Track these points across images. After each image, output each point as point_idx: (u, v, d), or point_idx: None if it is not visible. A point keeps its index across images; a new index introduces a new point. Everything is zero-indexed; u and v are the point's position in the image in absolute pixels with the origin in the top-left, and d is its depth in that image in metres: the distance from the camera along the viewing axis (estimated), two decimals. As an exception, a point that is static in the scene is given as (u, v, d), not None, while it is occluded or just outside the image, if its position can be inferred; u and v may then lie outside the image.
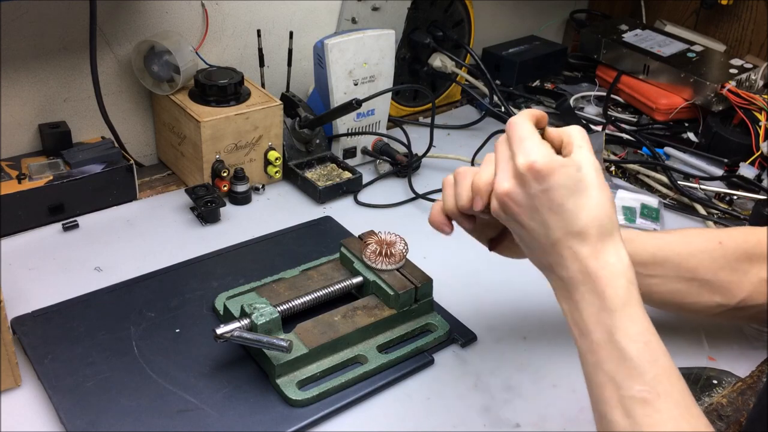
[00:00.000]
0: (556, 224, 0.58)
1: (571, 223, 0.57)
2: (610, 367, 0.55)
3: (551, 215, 0.58)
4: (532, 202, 0.58)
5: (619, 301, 0.56)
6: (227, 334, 0.70)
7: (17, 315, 0.79)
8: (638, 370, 0.54)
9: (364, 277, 0.82)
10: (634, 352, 0.54)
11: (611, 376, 0.55)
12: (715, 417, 0.75)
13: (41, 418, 0.69)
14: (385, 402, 0.74)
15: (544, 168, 0.57)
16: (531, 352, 0.81)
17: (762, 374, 0.80)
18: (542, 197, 0.58)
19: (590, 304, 0.57)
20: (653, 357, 0.54)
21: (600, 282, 0.56)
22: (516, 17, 1.56)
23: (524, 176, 0.58)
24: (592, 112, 1.36)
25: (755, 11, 1.44)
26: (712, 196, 1.13)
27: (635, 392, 0.53)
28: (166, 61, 1.02)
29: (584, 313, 0.57)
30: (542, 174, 0.57)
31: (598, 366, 0.56)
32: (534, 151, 0.58)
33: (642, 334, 0.55)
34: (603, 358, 0.56)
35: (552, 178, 0.57)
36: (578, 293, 0.58)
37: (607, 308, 0.56)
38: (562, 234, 0.58)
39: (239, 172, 1.03)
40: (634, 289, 0.57)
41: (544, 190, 0.57)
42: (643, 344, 0.55)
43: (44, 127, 1.01)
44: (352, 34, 1.08)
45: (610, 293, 0.56)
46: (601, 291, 0.56)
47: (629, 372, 0.54)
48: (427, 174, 1.15)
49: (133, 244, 0.94)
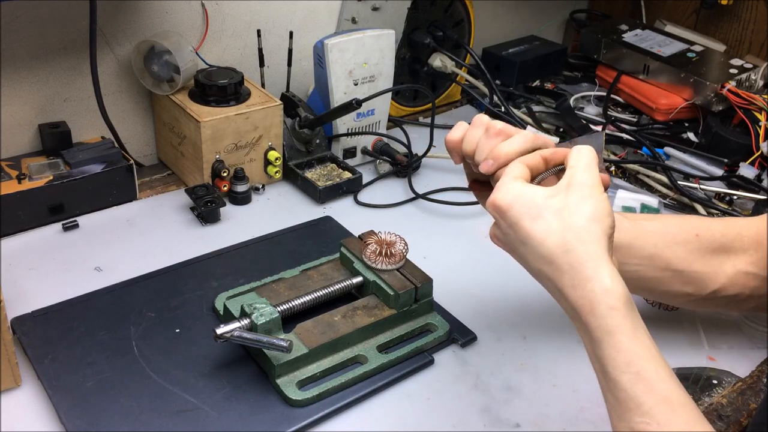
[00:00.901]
0: (530, 255, 0.58)
1: (540, 252, 0.56)
2: (610, 399, 0.54)
3: (523, 247, 0.58)
4: (507, 239, 0.60)
5: (602, 330, 0.54)
6: (227, 334, 0.70)
7: (17, 315, 0.79)
8: (635, 401, 0.52)
9: (364, 277, 0.82)
10: (626, 384, 0.52)
11: (612, 406, 0.54)
12: (715, 417, 0.75)
13: (41, 418, 0.69)
14: (385, 402, 0.74)
15: (502, 204, 0.58)
16: (531, 352, 0.81)
17: (762, 374, 0.80)
18: (511, 232, 0.58)
19: (583, 336, 0.57)
20: (647, 387, 0.52)
21: (582, 313, 0.55)
22: (516, 17, 1.56)
23: (494, 216, 0.60)
24: (592, 112, 1.36)
25: (755, 11, 1.44)
26: (712, 196, 1.13)
27: (635, 424, 0.52)
28: (166, 61, 1.02)
29: (584, 344, 0.57)
30: (502, 210, 0.58)
31: (604, 395, 0.56)
32: (499, 188, 0.59)
33: (631, 364, 0.52)
34: (604, 388, 0.55)
35: (511, 212, 0.58)
36: (575, 324, 0.57)
37: (593, 339, 0.55)
38: (539, 264, 0.57)
39: (239, 172, 1.03)
40: (617, 313, 0.54)
41: (510, 225, 0.58)
42: (633, 375, 0.52)
43: (44, 127, 1.01)
44: (352, 34, 1.08)
45: (592, 324, 0.54)
46: (585, 322, 0.55)
47: (626, 405, 0.52)
48: (427, 174, 1.15)
49: (133, 244, 0.94)
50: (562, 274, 0.55)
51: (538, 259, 0.57)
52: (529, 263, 0.59)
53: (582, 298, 0.54)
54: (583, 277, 0.55)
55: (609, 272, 0.55)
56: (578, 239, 0.55)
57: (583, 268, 0.55)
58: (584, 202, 0.56)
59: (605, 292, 0.54)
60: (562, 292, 0.56)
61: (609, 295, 0.54)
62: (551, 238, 0.55)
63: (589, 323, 0.54)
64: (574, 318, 0.56)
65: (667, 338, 0.84)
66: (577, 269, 0.55)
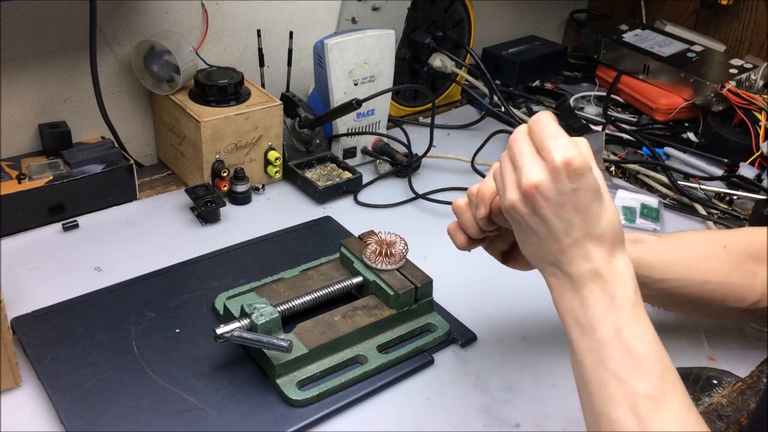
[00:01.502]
0: (579, 224, 0.58)
1: (593, 225, 0.58)
2: (616, 364, 0.55)
3: (576, 215, 0.58)
4: (561, 199, 0.58)
5: (628, 301, 0.57)
6: (227, 334, 0.70)
7: (17, 315, 0.79)
8: (645, 367, 0.55)
9: (364, 277, 0.82)
10: (641, 350, 0.55)
11: (617, 373, 0.55)
12: (715, 417, 0.75)
13: (41, 418, 0.69)
14: (385, 402, 0.74)
15: (580, 167, 0.57)
16: (531, 352, 0.81)
17: (762, 374, 0.80)
18: (572, 195, 0.58)
19: (599, 302, 0.58)
20: (658, 357, 0.56)
21: (611, 282, 0.58)
22: (516, 17, 1.56)
23: (559, 172, 0.57)
24: (592, 112, 1.36)
25: (755, 11, 1.44)
26: (712, 196, 1.13)
27: (642, 389, 0.54)
28: (166, 61, 1.02)
29: (591, 310, 0.58)
30: (577, 173, 0.57)
31: (602, 363, 0.56)
32: (570, 148, 0.57)
33: (648, 334, 0.57)
34: (608, 355, 0.56)
35: (584, 179, 0.57)
36: (586, 290, 0.58)
37: (616, 307, 0.57)
38: (581, 234, 0.58)
39: (239, 172, 1.03)
40: (639, 294, 0.59)
41: (574, 189, 0.57)
42: (648, 343, 0.56)
43: (44, 127, 1.01)
44: (352, 34, 1.08)
45: (620, 293, 0.57)
46: (612, 290, 0.57)
47: (636, 369, 0.55)
48: (427, 174, 1.15)
49: (133, 244, 0.94)
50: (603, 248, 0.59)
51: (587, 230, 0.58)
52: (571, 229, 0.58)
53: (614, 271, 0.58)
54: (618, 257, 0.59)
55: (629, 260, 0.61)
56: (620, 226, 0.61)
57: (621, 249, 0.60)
58: None
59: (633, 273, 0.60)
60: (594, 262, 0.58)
61: (634, 277, 0.60)
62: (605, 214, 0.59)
63: (615, 292, 0.58)
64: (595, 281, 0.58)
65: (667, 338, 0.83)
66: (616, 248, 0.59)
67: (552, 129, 0.59)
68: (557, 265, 0.60)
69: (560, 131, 0.59)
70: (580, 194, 0.57)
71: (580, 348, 0.58)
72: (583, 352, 0.58)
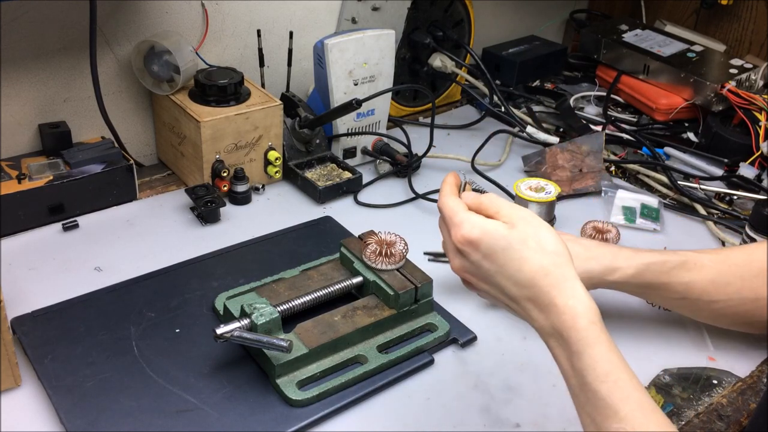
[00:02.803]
0: (507, 283, 0.60)
1: (518, 278, 0.60)
2: (590, 409, 0.57)
3: (499, 277, 0.61)
4: (480, 270, 0.61)
5: (583, 343, 0.57)
6: (227, 334, 0.70)
7: (17, 315, 0.79)
8: (612, 409, 0.55)
9: (364, 277, 0.82)
10: (605, 393, 0.55)
11: (592, 417, 0.57)
12: (715, 417, 0.75)
13: (41, 418, 0.69)
14: (385, 402, 0.74)
15: (473, 237, 0.60)
16: (531, 352, 0.80)
17: (762, 374, 0.80)
18: (485, 263, 0.61)
19: (560, 353, 0.59)
20: (624, 394, 0.55)
21: (564, 329, 0.58)
22: (516, 17, 1.56)
23: (463, 250, 0.61)
24: (592, 112, 1.36)
25: (755, 11, 1.44)
26: (712, 196, 1.13)
27: (614, 429, 0.55)
28: (166, 61, 1.02)
29: (559, 361, 0.60)
30: (474, 242, 0.60)
31: (581, 408, 0.58)
32: (464, 224, 0.61)
33: (610, 374, 0.56)
34: (582, 401, 0.57)
35: (482, 244, 0.60)
36: (549, 343, 0.60)
37: (574, 353, 0.57)
38: (516, 291, 0.60)
39: (239, 172, 1.03)
40: (595, 327, 0.57)
41: (484, 256, 0.61)
42: (612, 383, 0.56)
43: (44, 127, 1.01)
44: (352, 34, 1.08)
45: (574, 337, 0.57)
46: (566, 338, 0.58)
47: (605, 412, 0.55)
48: (427, 174, 1.15)
49: (133, 244, 0.94)
50: (544, 294, 0.59)
51: (517, 284, 0.60)
52: (504, 290, 0.61)
53: (564, 314, 0.58)
54: (564, 296, 0.58)
55: (584, 291, 0.59)
56: (553, 263, 0.59)
57: (563, 287, 0.59)
58: (541, 231, 0.61)
59: (585, 308, 0.58)
60: (543, 311, 0.59)
61: (588, 311, 0.58)
62: (528, 264, 0.59)
63: (570, 337, 0.57)
64: (552, 335, 0.59)
65: (667, 338, 0.84)
66: (557, 288, 0.59)
67: (448, 210, 0.63)
68: (525, 319, 0.62)
69: (456, 208, 0.62)
70: (491, 258, 0.60)
71: (568, 389, 0.60)
72: (570, 394, 0.59)
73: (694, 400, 0.76)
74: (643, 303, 0.88)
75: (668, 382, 0.78)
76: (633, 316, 0.87)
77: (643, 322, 0.86)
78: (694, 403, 0.76)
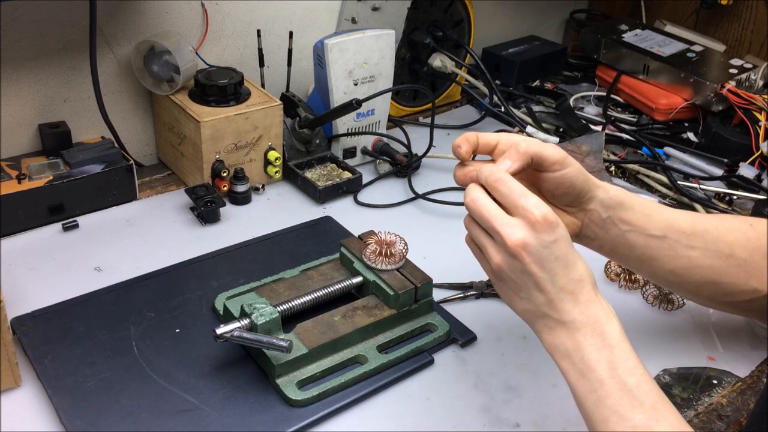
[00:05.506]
0: (562, 272, 0.62)
1: (573, 271, 0.62)
2: (614, 401, 0.58)
3: (557, 264, 0.62)
4: (543, 252, 0.61)
5: (617, 337, 0.61)
6: (227, 334, 0.70)
7: (17, 315, 0.79)
8: (638, 399, 0.58)
9: (364, 277, 0.82)
10: (633, 384, 0.58)
11: (615, 409, 0.58)
12: (715, 417, 0.75)
13: (41, 418, 0.69)
14: (385, 402, 0.74)
15: (555, 220, 0.61)
16: (531, 352, 0.81)
17: (762, 374, 0.80)
18: (552, 247, 0.61)
19: (592, 342, 0.61)
20: (648, 387, 0.59)
21: (600, 321, 0.61)
22: (516, 17, 1.56)
23: (539, 227, 0.61)
24: (592, 112, 1.36)
25: (755, 11, 1.44)
26: (712, 196, 1.13)
27: (638, 420, 0.57)
28: (166, 61, 1.02)
29: (587, 351, 0.61)
30: (554, 225, 0.61)
31: (601, 402, 0.59)
32: (542, 204, 0.62)
33: (637, 367, 0.60)
34: (606, 393, 0.59)
35: (559, 230, 0.62)
36: (580, 333, 0.61)
37: (608, 345, 0.60)
38: (565, 281, 0.62)
39: (239, 172, 1.03)
40: (622, 327, 0.62)
41: (554, 241, 0.61)
42: (639, 376, 0.59)
43: (44, 127, 1.01)
44: (352, 34, 1.08)
45: (609, 331, 0.61)
46: (602, 329, 0.61)
47: (631, 402, 0.58)
48: (427, 174, 1.15)
49: (133, 244, 0.94)
50: (588, 291, 0.62)
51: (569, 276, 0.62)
52: (555, 278, 0.62)
53: (604, 309, 0.62)
54: (599, 297, 0.63)
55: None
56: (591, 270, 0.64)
57: (597, 291, 0.63)
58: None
59: (612, 310, 0.63)
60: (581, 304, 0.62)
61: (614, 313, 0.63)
62: (583, 263, 0.63)
63: (605, 331, 0.61)
64: (582, 328, 0.61)
65: (667, 338, 0.84)
66: (595, 290, 0.63)
67: (518, 187, 0.63)
68: (548, 315, 0.63)
69: (525, 188, 0.63)
70: (558, 244, 0.61)
71: (580, 390, 0.61)
72: (584, 394, 0.60)
73: (694, 400, 0.76)
74: (643, 303, 0.88)
75: (668, 382, 0.78)
76: (633, 316, 0.87)
77: (643, 322, 0.86)
78: (694, 403, 0.76)
